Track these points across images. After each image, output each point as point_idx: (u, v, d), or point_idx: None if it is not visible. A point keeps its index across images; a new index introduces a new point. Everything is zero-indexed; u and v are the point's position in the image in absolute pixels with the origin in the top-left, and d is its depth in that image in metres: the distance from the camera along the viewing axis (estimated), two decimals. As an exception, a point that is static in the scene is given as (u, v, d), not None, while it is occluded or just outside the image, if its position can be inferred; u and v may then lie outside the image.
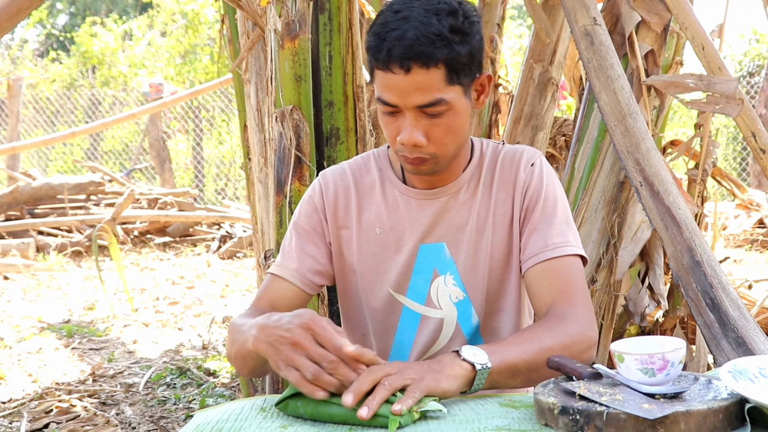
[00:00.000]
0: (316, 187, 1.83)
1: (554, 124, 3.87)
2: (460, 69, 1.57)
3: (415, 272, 1.77)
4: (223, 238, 9.42)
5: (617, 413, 1.20)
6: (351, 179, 1.81)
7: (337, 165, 1.87)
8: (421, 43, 1.52)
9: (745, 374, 1.28)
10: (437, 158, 1.64)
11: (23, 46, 20.46)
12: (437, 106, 1.57)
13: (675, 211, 2.25)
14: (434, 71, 1.54)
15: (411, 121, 1.58)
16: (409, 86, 1.55)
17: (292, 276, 1.77)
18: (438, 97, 1.56)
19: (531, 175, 1.74)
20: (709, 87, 2.64)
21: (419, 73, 1.53)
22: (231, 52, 3.62)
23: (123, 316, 5.88)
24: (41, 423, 3.48)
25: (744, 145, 12.35)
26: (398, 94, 1.56)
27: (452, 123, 1.60)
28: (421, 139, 1.59)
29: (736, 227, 8.67)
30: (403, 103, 1.57)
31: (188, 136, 15.66)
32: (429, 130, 1.60)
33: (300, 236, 1.80)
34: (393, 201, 1.78)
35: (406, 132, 1.59)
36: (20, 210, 9.24)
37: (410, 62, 1.52)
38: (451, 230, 1.76)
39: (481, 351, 1.45)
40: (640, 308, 3.16)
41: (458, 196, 1.75)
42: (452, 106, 1.58)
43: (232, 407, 1.45)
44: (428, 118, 1.59)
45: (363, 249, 1.79)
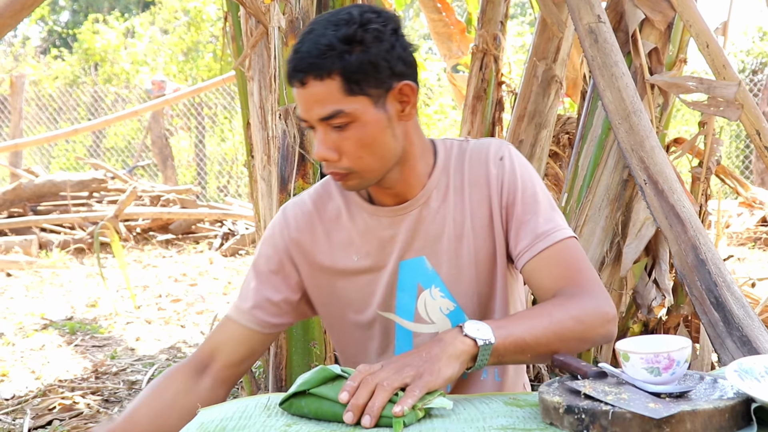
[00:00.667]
0: (277, 226, 1.77)
1: (558, 122, 3.87)
2: (361, 79, 1.53)
3: (399, 290, 1.72)
4: (226, 236, 9.42)
5: (623, 412, 1.20)
6: (314, 211, 1.75)
7: (298, 197, 1.80)
8: (312, 55, 1.50)
9: (751, 373, 1.28)
10: (358, 173, 1.59)
11: (25, 43, 20.47)
12: (337, 117, 1.53)
13: (679, 209, 2.25)
14: (329, 82, 1.51)
15: (320, 135, 1.56)
16: (309, 99, 1.54)
17: (245, 318, 1.73)
18: (336, 108, 1.53)
19: (502, 169, 1.67)
20: (709, 90, 2.64)
21: (314, 85, 1.52)
22: (234, 49, 3.61)
23: (125, 313, 5.88)
24: (44, 420, 3.48)
25: (747, 142, 12.33)
26: (302, 107, 1.56)
27: (362, 136, 1.55)
28: (328, 153, 1.56)
29: (739, 225, 8.66)
30: (308, 117, 1.56)
31: (191, 133, 15.66)
32: (339, 144, 1.56)
33: (258, 278, 1.76)
34: (363, 225, 1.72)
35: (315, 147, 1.57)
36: (23, 207, 9.24)
37: (304, 75, 1.52)
38: (429, 242, 1.70)
39: (486, 326, 1.42)
40: (647, 300, 3.15)
41: (429, 204, 1.69)
42: (357, 118, 1.54)
43: (236, 405, 1.45)
44: (336, 132, 1.55)
45: (344, 277, 1.73)
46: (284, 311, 1.76)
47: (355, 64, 1.51)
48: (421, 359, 1.36)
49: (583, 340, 1.53)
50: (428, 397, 1.34)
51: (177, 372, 1.72)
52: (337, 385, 1.36)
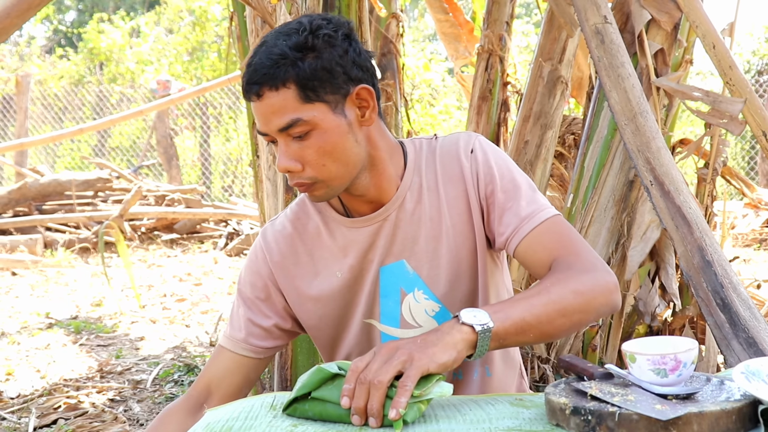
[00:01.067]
0: (258, 252, 1.76)
1: (563, 123, 3.87)
2: (316, 86, 1.52)
3: (382, 296, 1.71)
4: (230, 235, 9.43)
5: (629, 414, 1.20)
6: (294, 233, 1.73)
7: (276, 220, 1.78)
8: (264, 66, 1.50)
9: (758, 375, 1.28)
10: (324, 182, 1.58)
11: (31, 43, 20.51)
12: (296, 126, 1.52)
13: (685, 211, 2.24)
14: (284, 91, 1.51)
15: (282, 148, 1.55)
16: (266, 110, 1.52)
17: (239, 347, 1.73)
18: (293, 117, 1.51)
19: (476, 161, 1.66)
20: (714, 104, 2.64)
21: (270, 96, 1.51)
22: (239, 49, 3.62)
23: (130, 312, 5.89)
24: (49, 419, 3.49)
25: (753, 143, 12.31)
26: (261, 120, 1.54)
27: (323, 143, 1.54)
28: (291, 164, 1.54)
29: (744, 226, 8.64)
30: (267, 130, 1.54)
31: (195, 133, 15.68)
32: (302, 154, 1.54)
33: (246, 305, 1.75)
34: (342, 239, 1.70)
35: (277, 161, 1.55)
36: (28, 206, 9.26)
37: (258, 87, 1.51)
38: (407, 245, 1.68)
39: (482, 312, 1.38)
40: (651, 308, 3.15)
41: (404, 207, 1.67)
42: (316, 125, 1.53)
43: (242, 405, 1.45)
44: (297, 142, 1.54)
45: (330, 296, 1.72)
46: (276, 335, 1.76)
47: (309, 70, 1.50)
48: (414, 344, 1.33)
49: (586, 312, 1.50)
50: (425, 384, 1.30)
51: (173, 412, 1.71)
52: (337, 384, 1.35)
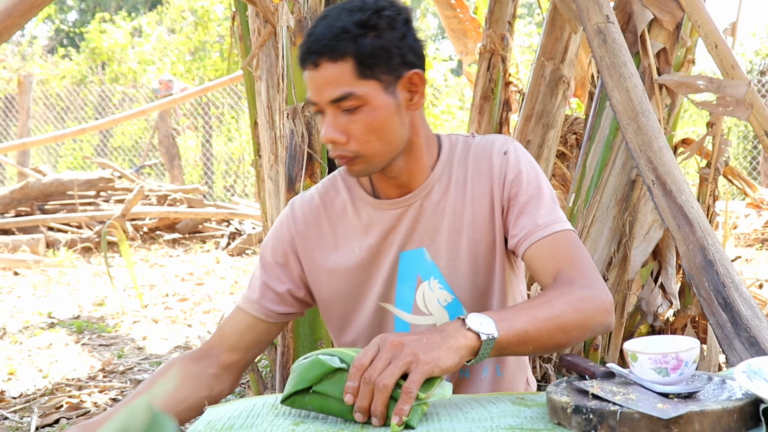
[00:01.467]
0: (283, 219, 1.81)
1: (565, 122, 3.87)
2: (373, 63, 1.56)
3: (399, 281, 1.74)
4: (233, 235, 9.43)
5: (631, 413, 1.20)
6: (321, 205, 1.78)
7: (306, 192, 1.83)
8: (326, 37, 1.54)
9: (759, 374, 1.28)
10: (365, 158, 1.61)
11: (33, 42, 20.52)
12: (348, 100, 1.56)
13: (687, 210, 2.24)
14: (342, 64, 1.55)
15: (329, 118, 1.59)
16: (321, 81, 1.56)
17: (253, 308, 1.77)
18: (347, 90, 1.56)
19: (506, 163, 1.69)
20: (719, 90, 2.63)
21: (327, 66, 1.55)
22: (242, 49, 3.62)
23: (132, 312, 5.89)
24: (51, 418, 3.49)
25: (755, 143, 12.30)
26: (313, 90, 1.58)
27: (371, 119, 1.58)
28: (337, 136, 1.58)
29: (746, 226, 8.64)
30: (319, 100, 1.58)
31: (198, 132, 15.69)
32: (348, 127, 1.58)
33: (264, 269, 1.80)
34: (367, 218, 1.74)
35: (323, 129, 1.59)
36: (30, 206, 9.27)
37: (317, 56, 1.55)
38: (429, 234, 1.72)
39: (489, 319, 1.39)
40: (653, 307, 3.15)
41: (431, 197, 1.72)
42: (367, 101, 1.57)
43: (243, 404, 1.45)
44: (346, 115, 1.58)
45: (344, 271, 1.76)
46: (288, 302, 1.79)
47: (368, 48, 1.55)
48: (419, 344, 1.32)
49: (583, 330, 1.52)
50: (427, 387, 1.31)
51: (182, 359, 1.77)
52: (339, 378, 1.34)
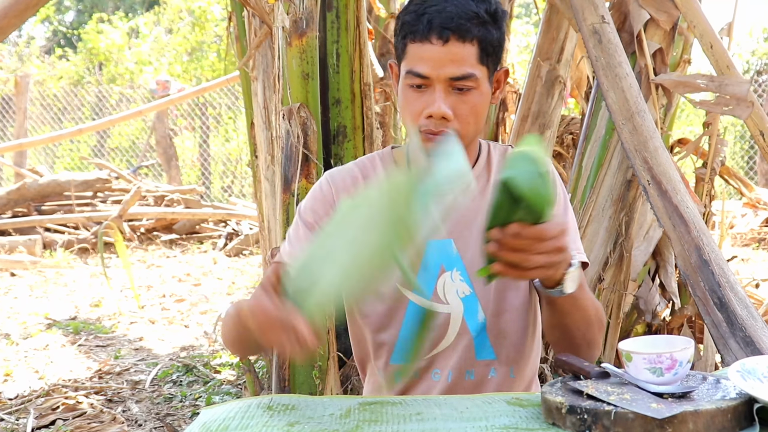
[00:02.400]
0: (323, 181, 1.85)
1: (561, 123, 3.87)
2: (491, 51, 1.64)
3: (422, 268, 1.77)
4: (230, 236, 9.42)
5: (625, 413, 1.20)
6: (359, 175, 1.83)
7: (345, 165, 1.89)
8: (461, 18, 1.60)
9: (753, 374, 1.28)
10: (459, 137, 1.65)
11: (30, 43, 20.50)
12: (468, 80, 1.62)
13: (683, 210, 2.24)
14: (469, 46, 1.61)
15: (441, 94, 1.63)
16: (445, 57, 1.61)
17: None
18: (470, 71, 1.62)
19: None
20: (720, 88, 2.63)
21: (456, 45, 1.60)
22: (238, 49, 3.62)
23: (129, 313, 5.89)
24: (47, 420, 3.49)
25: (751, 143, 12.31)
26: (433, 64, 1.62)
27: (477, 102, 1.65)
28: (448, 111, 1.63)
29: (743, 226, 8.65)
30: (436, 74, 1.62)
31: (195, 133, 15.67)
32: (456, 106, 1.64)
33: (307, 227, 1.81)
34: None
35: (435, 104, 1.63)
36: (27, 207, 9.26)
37: (449, 33, 1.60)
38: (459, 227, 1.76)
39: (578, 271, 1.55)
40: (651, 306, 3.15)
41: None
42: (479, 85, 1.64)
43: (238, 405, 1.45)
44: (456, 94, 1.64)
45: None
46: None
47: (492, 37, 1.64)
48: None
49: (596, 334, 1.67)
50: None
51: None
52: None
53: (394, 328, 1.81)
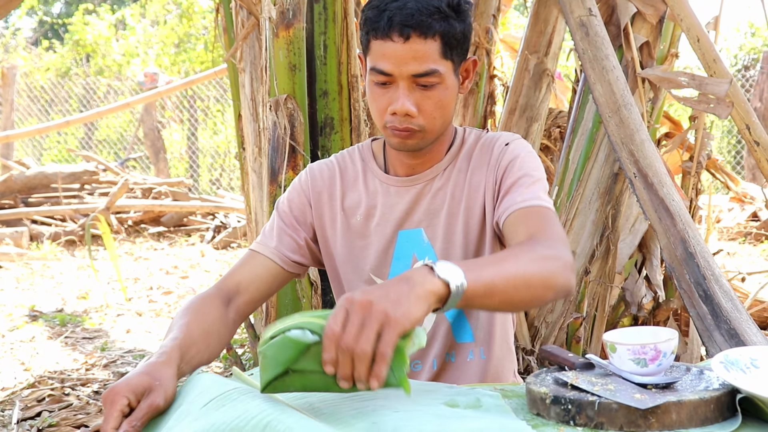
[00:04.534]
0: (302, 176, 1.88)
1: (549, 116, 3.87)
2: (454, 45, 1.63)
3: (395, 258, 1.80)
4: (218, 228, 9.41)
5: (609, 403, 1.20)
6: (337, 169, 1.86)
7: (326, 159, 1.92)
8: (422, 13, 1.58)
9: (736, 365, 1.29)
10: (424, 132, 1.67)
11: (17, 34, 20.38)
12: (431, 76, 1.61)
13: (669, 203, 2.25)
14: (431, 42, 1.60)
15: (404, 91, 1.63)
16: (407, 54, 1.60)
17: (271, 252, 1.79)
18: (433, 67, 1.61)
19: (504, 153, 1.74)
20: (701, 87, 2.66)
21: (417, 42, 1.59)
22: (226, 41, 3.61)
23: (116, 305, 5.87)
24: (33, 411, 3.48)
25: (739, 138, 12.36)
26: (395, 61, 1.61)
27: (442, 97, 1.65)
28: (412, 108, 1.63)
29: (730, 220, 8.69)
30: (398, 72, 1.61)
31: (183, 125, 15.63)
32: (420, 102, 1.64)
33: (282, 219, 1.84)
34: (373, 189, 1.82)
35: (399, 101, 1.63)
36: (14, 199, 9.22)
37: (410, 30, 1.58)
38: (428, 216, 1.78)
39: (457, 268, 1.34)
40: (637, 298, 3.17)
41: (435, 181, 1.78)
42: (443, 80, 1.63)
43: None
44: (420, 90, 1.63)
45: (344, 236, 1.83)
46: (303, 252, 1.83)
47: (455, 30, 1.62)
48: (387, 299, 1.26)
49: (546, 287, 1.49)
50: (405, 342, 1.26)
51: (210, 299, 1.71)
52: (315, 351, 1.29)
53: None
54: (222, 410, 1.27)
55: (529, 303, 1.52)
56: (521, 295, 1.45)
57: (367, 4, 1.66)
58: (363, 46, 1.68)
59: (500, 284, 1.41)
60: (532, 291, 1.47)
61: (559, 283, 1.50)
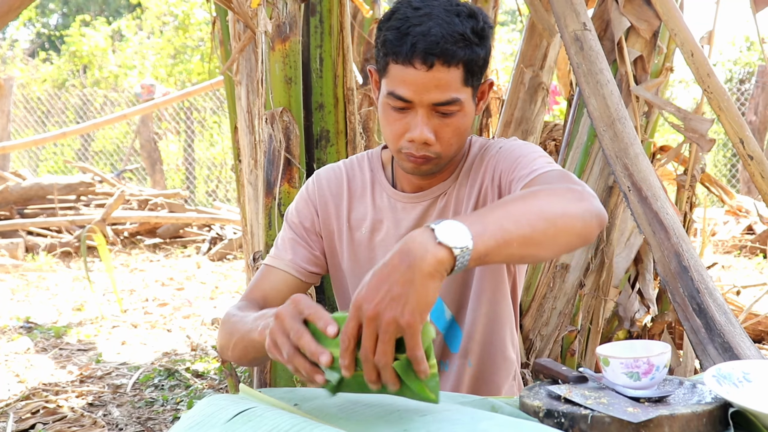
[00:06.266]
0: (310, 185, 1.86)
1: (544, 129, 3.88)
2: (476, 72, 1.59)
3: None
4: (214, 240, 9.40)
5: (602, 416, 1.21)
6: (345, 178, 1.84)
7: (334, 164, 1.89)
8: (447, 41, 1.53)
9: (729, 379, 1.29)
10: (440, 158, 1.65)
11: (14, 46, 20.39)
12: (452, 105, 1.58)
13: (663, 216, 2.26)
14: (454, 70, 1.56)
15: (423, 119, 1.59)
16: (429, 82, 1.55)
17: (287, 266, 1.79)
18: (454, 96, 1.57)
19: (498, 155, 1.71)
20: (685, 121, 2.72)
21: (440, 70, 1.55)
22: (222, 53, 3.62)
23: (112, 317, 5.86)
24: (28, 423, 3.47)
25: (734, 151, 12.39)
26: (416, 89, 1.56)
27: (460, 124, 1.62)
28: (431, 137, 1.60)
29: (725, 233, 8.70)
30: (419, 99, 1.57)
31: (179, 137, 15.63)
32: (438, 130, 1.60)
33: (293, 230, 1.83)
34: (380, 203, 1.80)
35: (417, 129, 1.59)
36: (10, 210, 9.20)
37: (434, 58, 1.53)
38: None
39: (460, 226, 1.23)
40: (630, 313, 3.17)
41: (440, 199, 1.76)
42: (463, 107, 1.60)
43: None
44: (439, 117, 1.60)
45: (350, 248, 1.82)
46: (318, 261, 1.83)
47: (478, 57, 1.58)
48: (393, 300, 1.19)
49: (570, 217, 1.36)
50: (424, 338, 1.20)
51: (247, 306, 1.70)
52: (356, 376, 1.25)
53: None
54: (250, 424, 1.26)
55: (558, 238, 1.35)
56: (545, 232, 1.31)
57: (386, 22, 1.60)
58: (379, 66, 1.62)
59: (511, 225, 1.27)
60: (554, 223, 1.33)
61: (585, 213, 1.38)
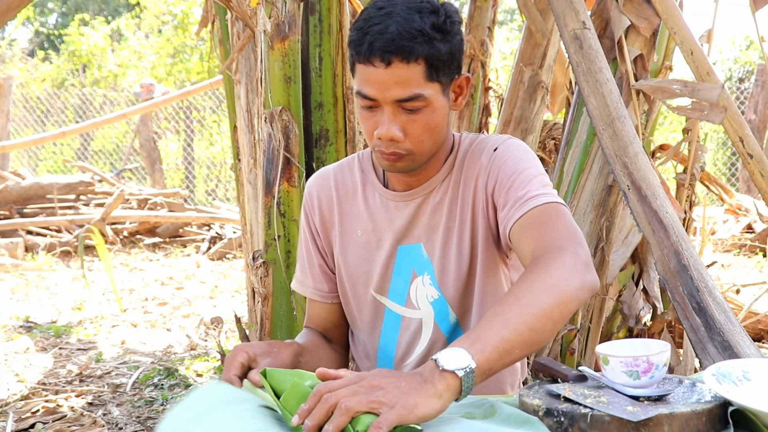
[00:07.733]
0: (305, 200, 1.90)
1: (544, 128, 3.88)
2: (440, 66, 1.59)
3: (395, 274, 1.79)
4: (213, 239, 9.40)
5: (601, 415, 1.21)
6: (332, 183, 1.85)
7: (324, 168, 1.91)
8: (403, 38, 1.54)
9: (728, 377, 1.29)
10: (413, 155, 1.65)
11: (12, 45, 20.38)
12: (415, 101, 1.58)
13: (662, 215, 2.26)
14: (414, 66, 1.56)
15: (389, 116, 1.60)
16: (389, 80, 1.56)
17: (312, 293, 1.89)
18: (416, 92, 1.58)
19: (492, 160, 1.70)
20: (693, 93, 2.66)
21: (399, 67, 1.56)
22: (221, 52, 3.62)
23: (111, 316, 5.86)
24: (27, 423, 3.47)
25: (734, 150, 12.39)
26: (378, 87, 1.58)
27: (429, 120, 1.62)
28: (398, 134, 1.60)
29: (724, 232, 8.70)
30: (382, 97, 1.59)
31: (179, 136, 15.63)
32: (406, 126, 1.61)
33: (306, 245, 1.90)
34: (373, 203, 1.81)
35: (383, 126, 1.60)
36: (9, 209, 9.20)
37: (391, 56, 1.55)
38: (427, 231, 1.77)
39: (460, 350, 1.26)
40: (635, 311, 3.17)
41: (433, 195, 1.76)
42: (430, 103, 1.60)
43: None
44: (406, 114, 1.60)
45: (347, 251, 1.83)
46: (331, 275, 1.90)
47: (440, 52, 1.58)
48: (398, 389, 1.21)
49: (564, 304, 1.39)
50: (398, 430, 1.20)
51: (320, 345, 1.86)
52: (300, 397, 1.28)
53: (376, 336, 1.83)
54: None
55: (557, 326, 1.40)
56: (541, 327, 1.35)
57: (354, 23, 1.63)
58: (350, 66, 1.65)
59: (511, 335, 1.31)
60: (551, 316, 1.37)
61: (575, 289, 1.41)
